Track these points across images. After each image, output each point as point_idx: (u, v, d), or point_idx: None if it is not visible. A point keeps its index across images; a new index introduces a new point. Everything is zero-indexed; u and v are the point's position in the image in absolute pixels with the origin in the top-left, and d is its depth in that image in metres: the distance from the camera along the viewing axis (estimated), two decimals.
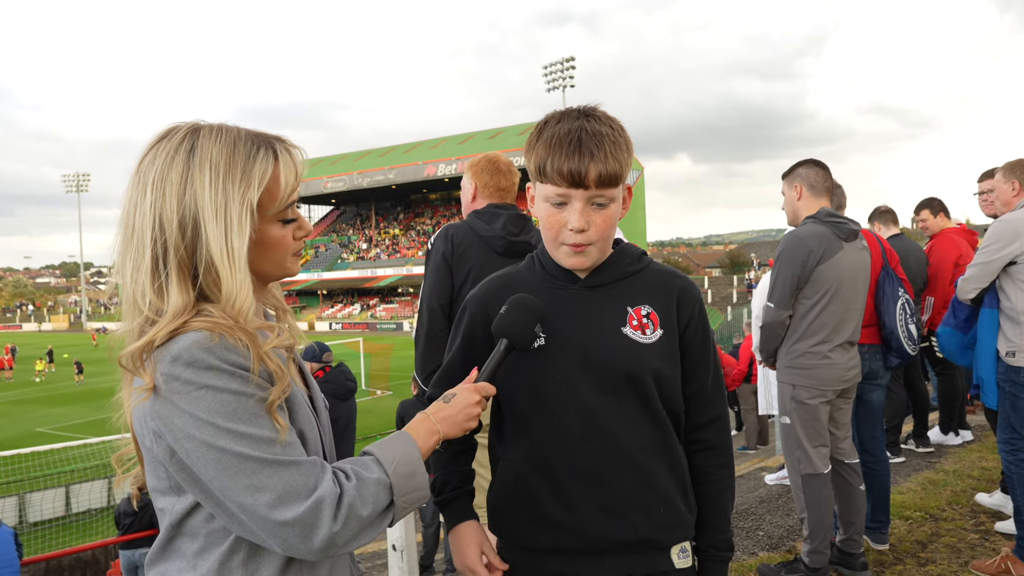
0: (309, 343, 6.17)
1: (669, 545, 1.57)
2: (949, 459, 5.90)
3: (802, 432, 3.52)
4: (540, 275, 1.63)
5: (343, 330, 56.92)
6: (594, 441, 1.52)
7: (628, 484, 1.53)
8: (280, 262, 1.31)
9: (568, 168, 1.45)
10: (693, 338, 1.61)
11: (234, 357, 1.15)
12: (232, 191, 1.20)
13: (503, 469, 1.63)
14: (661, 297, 1.59)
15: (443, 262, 3.00)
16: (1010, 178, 3.93)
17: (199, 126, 1.25)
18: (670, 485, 1.56)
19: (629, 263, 1.62)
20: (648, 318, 1.57)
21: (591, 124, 1.49)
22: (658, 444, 1.56)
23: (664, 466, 1.56)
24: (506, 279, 1.68)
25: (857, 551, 3.70)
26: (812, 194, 3.59)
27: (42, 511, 14.42)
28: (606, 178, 1.46)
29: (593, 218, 1.49)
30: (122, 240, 1.23)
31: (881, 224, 5.87)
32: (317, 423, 1.34)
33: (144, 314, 1.19)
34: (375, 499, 1.20)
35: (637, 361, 1.53)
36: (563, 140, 1.47)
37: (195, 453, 1.12)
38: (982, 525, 4.41)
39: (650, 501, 1.54)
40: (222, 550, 1.20)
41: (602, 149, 1.45)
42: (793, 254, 3.46)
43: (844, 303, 3.47)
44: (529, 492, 1.56)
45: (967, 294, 3.77)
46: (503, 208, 3.13)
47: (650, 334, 1.56)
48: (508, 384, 1.59)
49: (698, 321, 1.62)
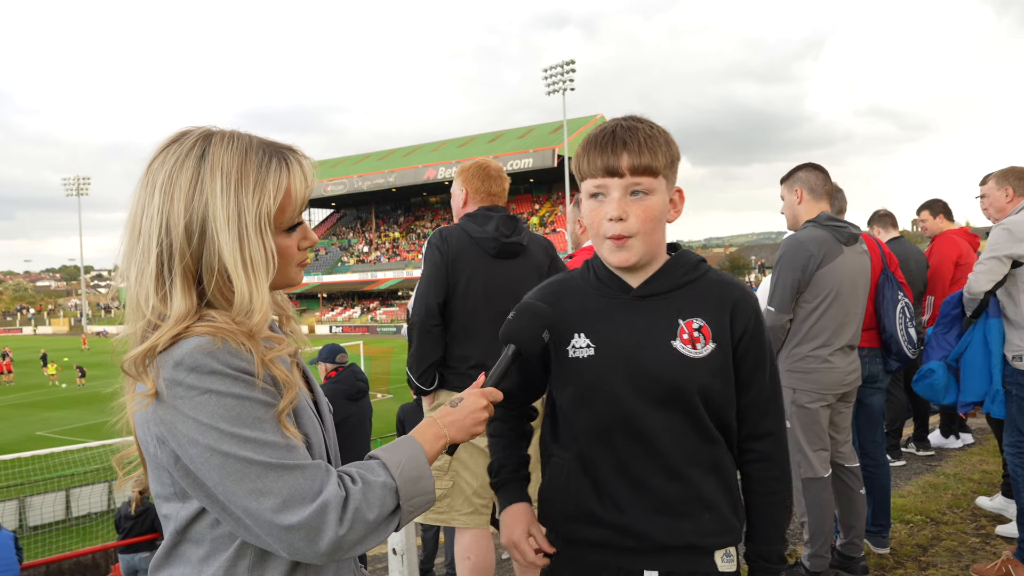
0: (325, 344, 6.17)
1: (713, 549, 1.58)
2: (950, 462, 5.89)
3: (802, 436, 3.53)
4: (594, 283, 1.64)
5: (343, 333, 56.88)
6: (639, 451, 1.54)
7: (673, 493, 1.54)
8: (284, 272, 1.30)
9: (602, 158, 1.51)
10: (748, 350, 1.59)
11: (237, 362, 1.15)
12: (246, 201, 1.19)
13: (554, 466, 1.66)
14: (715, 308, 1.57)
15: (440, 262, 3.04)
16: (1003, 185, 3.97)
17: (211, 132, 1.24)
18: (717, 495, 1.57)
19: (684, 272, 1.61)
20: (700, 331, 1.55)
21: (628, 122, 1.55)
22: (705, 456, 1.57)
23: (712, 477, 1.57)
24: (558, 285, 1.70)
25: (858, 555, 3.70)
26: (812, 198, 3.60)
27: (42, 515, 14.42)
28: (640, 167, 1.50)
29: (632, 208, 1.51)
30: (127, 243, 1.22)
31: (880, 228, 5.88)
32: (322, 427, 1.34)
33: (147, 318, 1.18)
34: (381, 503, 1.20)
35: (685, 376, 1.53)
36: (598, 136, 1.54)
37: (199, 458, 1.12)
38: (983, 529, 4.41)
39: (696, 509, 1.55)
40: (227, 556, 1.19)
41: (635, 139, 1.50)
42: (793, 258, 3.46)
43: (844, 307, 3.47)
44: (577, 490, 1.60)
45: (982, 285, 3.70)
46: (494, 210, 3.17)
47: (701, 348, 1.54)
48: (558, 389, 1.63)
49: (753, 332, 1.59)
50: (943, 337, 3.96)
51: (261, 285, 1.20)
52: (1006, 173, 3.95)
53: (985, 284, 3.70)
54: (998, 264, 3.65)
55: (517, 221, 3.19)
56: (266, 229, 1.21)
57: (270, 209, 1.21)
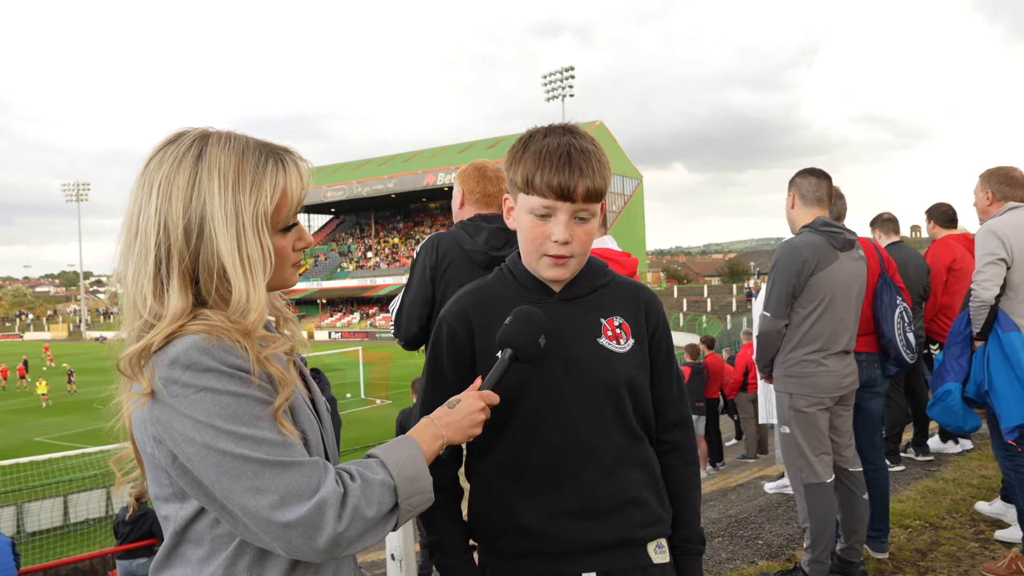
0: None
1: (645, 542, 1.62)
2: (949, 467, 5.89)
3: (803, 441, 3.52)
4: (514, 287, 1.66)
5: (342, 339, 56.85)
6: (569, 448, 1.57)
7: (602, 489, 1.58)
8: (280, 272, 1.30)
9: (558, 181, 1.50)
10: (660, 346, 1.69)
11: (232, 359, 1.15)
12: (243, 200, 1.20)
13: (478, 480, 1.67)
14: (630, 308, 1.67)
15: (427, 271, 3.05)
16: (985, 187, 3.96)
17: (208, 132, 1.25)
18: (643, 488, 1.62)
19: (597, 277, 1.68)
20: (620, 328, 1.64)
21: (578, 141, 1.54)
22: (631, 449, 1.62)
23: (637, 471, 1.62)
24: (480, 293, 1.69)
25: (857, 560, 3.69)
26: (803, 204, 3.64)
27: (40, 521, 14.37)
28: (593, 193, 1.52)
29: (576, 231, 1.54)
30: (124, 243, 1.22)
31: (881, 232, 5.89)
32: (319, 425, 1.34)
33: (143, 318, 1.19)
34: (380, 500, 1.20)
35: (613, 370, 1.60)
36: (552, 154, 1.51)
37: (196, 457, 1.12)
38: (982, 534, 4.40)
39: (624, 504, 1.59)
40: (227, 555, 1.19)
41: (590, 165, 1.52)
42: (788, 263, 3.48)
43: (839, 312, 3.48)
44: (503, 499, 1.60)
45: (990, 291, 3.63)
46: (487, 220, 3.17)
47: (624, 343, 1.63)
48: None
49: (663, 329, 1.70)
50: (956, 360, 3.81)
51: (258, 284, 1.21)
52: (989, 175, 3.94)
53: (993, 288, 3.64)
54: (996, 268, 3.64)
55: (509, 234, 3.15)
56: (263, 228, 1.22)
57: (267, 208, 1.22)
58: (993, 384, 3.62)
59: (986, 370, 3.65)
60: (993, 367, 3.64)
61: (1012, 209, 3.78)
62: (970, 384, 3.73)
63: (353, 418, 23.65)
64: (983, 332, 3.69)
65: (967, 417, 3.79)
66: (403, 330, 3.09)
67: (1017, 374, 3.57)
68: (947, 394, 3.78)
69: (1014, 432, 3.59)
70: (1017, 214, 3.75)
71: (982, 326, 3.68)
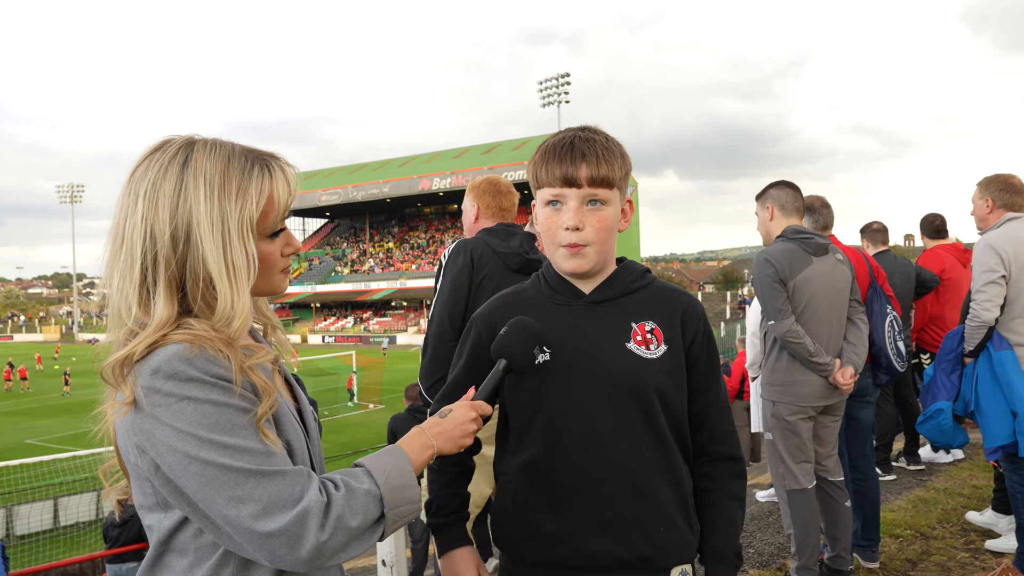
0: None
1: (668, 567, 1.56)
2: (940, 477, 5.90)
3: (783, 448, 3.54)
4: (546, 292, 1.66)
5: (336, 343, 56.76)
6: (595, 456, 1.53)
7: (627, 500, 1.52)
8: (268, 278, 1.30)
9: (561, 168, 1.53)
10: (699, 355, 1.62)
11: (215, 368, 1.15)
12: (229, 207, 1.20)
13: (503, 484, 1.65)
14: (665, 314, 1.61)
15: (464, 275, 3.08)
16: (984, 195, 3.92)
17: (194, 140, 1.24)
18: (671, 505, 1.56)
19: (632, 279, 1.65)
20: (652, 333, 1.58)
21: (585, 133, 1.57)
22: (661, 462, 1.56)
23: (666, 485, 1.56)
24: (513, 297, 1.70)
25: (846, 568, 3.70)
26: (783, 214, 3.66)
27: (29, 524, 14.30)
28: (598, 179, 1.53)
29: (588, 218, 1.53)
30: (111, 251, 1.22)
31: (869, 241, 5.92)
32: (305, 435, 1.33)
33: (128, 326, 1.18)
34: (364, 510, 1.19)
35: (641, 375, 1.55)
36: (557, 146, 1.56)
37: (178, 466, 1.11)
38: (972, 543, 4.41)
39: (649, 519, 1.53)
40: (211, 565, 1.19)
41: (593, 152, 1.53)
42: (763, 272, 3.52)
43: (820, 316, 3.48)
44: (526, 507, 1.57)
45: (991, 312, 3.59)
46: (515, 227, 3.26)
47: (654, 349, 1.57)
48: (513, 399, 1.61)
49: (703, 337, 1.63)
50: (947, 377, 3.79)
51: (243, 290, 1.21)
52: (988, 182, 3.91)
53: (994, 311, 3.60)
54: (997, 288, 3.60)
55: (535, 239, 3.29)
56: (248, 235, 1.22)
57: (252, 215, 1.22)
58: (979, 403, 3.62)
59: (974, 389, 3.64)
60: (981, 386, 3.63)
61: (1010, 221, 3.75)
62: (959, 402, 3.73)
63: (346, 423, 23.62)
64: (976, 351, 3.68)
65: (956, 435, 3.80)
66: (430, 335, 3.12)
67: (1005, 394, 3.55)
68: (939, 412, 3.78)
69: (997, 452, 3.59)
70: (1015, 226, 3.72)
71: (976, 345, 3.67)
